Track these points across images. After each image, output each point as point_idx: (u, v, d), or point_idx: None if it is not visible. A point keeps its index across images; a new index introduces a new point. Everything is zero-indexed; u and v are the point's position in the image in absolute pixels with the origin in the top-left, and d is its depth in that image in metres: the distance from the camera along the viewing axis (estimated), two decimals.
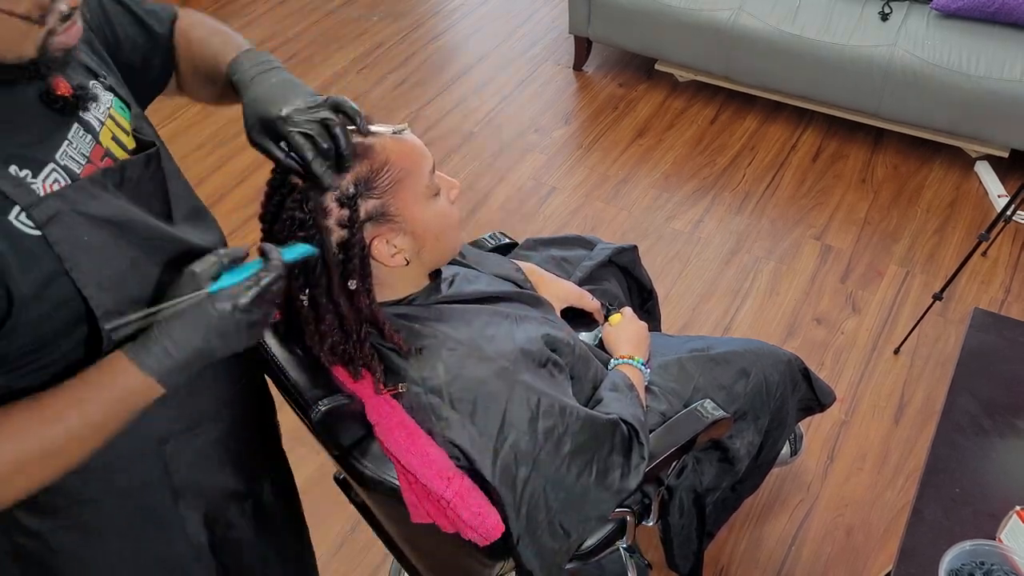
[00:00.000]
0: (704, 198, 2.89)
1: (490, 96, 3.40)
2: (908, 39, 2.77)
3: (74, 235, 0.86)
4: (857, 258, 2.66)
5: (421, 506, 1.19)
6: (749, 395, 1.60)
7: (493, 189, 2.97)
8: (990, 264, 2.62)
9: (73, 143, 0.90)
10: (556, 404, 1.21)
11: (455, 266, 1.40)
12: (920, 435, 2.18)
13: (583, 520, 1.27)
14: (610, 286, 1.74)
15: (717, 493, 1.60)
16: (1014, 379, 1.41)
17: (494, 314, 1.28)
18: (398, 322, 1.20)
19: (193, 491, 1.13)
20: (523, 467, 1.19)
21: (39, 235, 0.84)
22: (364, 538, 2.01)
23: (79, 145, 0.90)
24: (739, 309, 2.52)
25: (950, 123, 2.83)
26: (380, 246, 1.13)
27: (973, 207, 2.82)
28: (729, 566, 1.95)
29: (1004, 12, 2.68)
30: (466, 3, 3.96)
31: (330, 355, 1.18)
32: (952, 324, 2.44)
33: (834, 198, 2.87)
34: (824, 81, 2.93)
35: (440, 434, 1.17)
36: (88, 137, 0.92)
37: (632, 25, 3.19)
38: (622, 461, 1.29)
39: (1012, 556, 1.12)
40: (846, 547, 1.97)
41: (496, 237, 1.78)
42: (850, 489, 2.08)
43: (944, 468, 1.29)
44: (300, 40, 3.75)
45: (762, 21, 2.94)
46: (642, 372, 1.49)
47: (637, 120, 3.23)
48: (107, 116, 0.96)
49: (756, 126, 3.18)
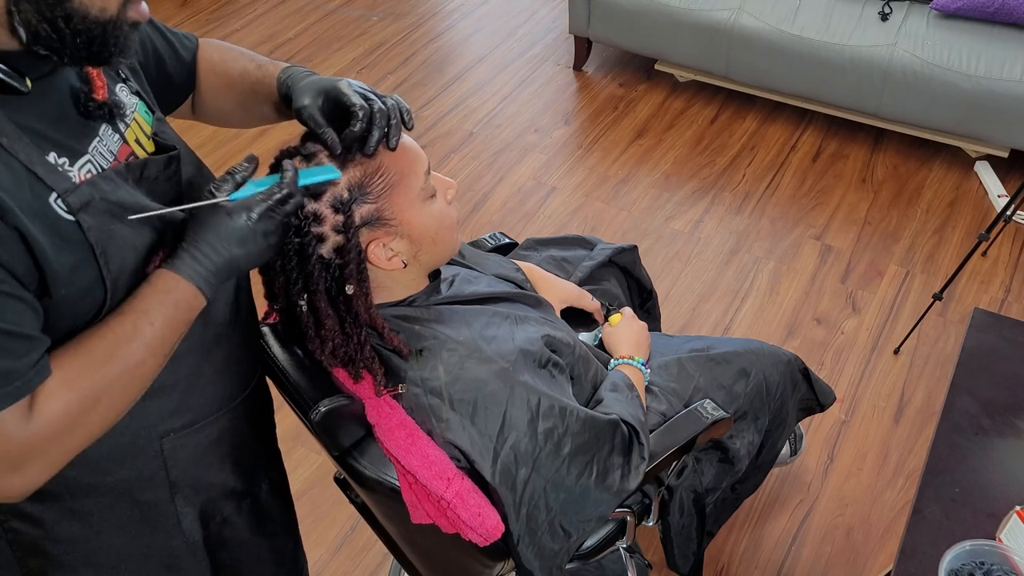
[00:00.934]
0: (704, 198, 2.89)
1: (490, 96, 3.40)
2: (908, 39, 2.77)
3: (103, 222, 0.89)
4: (857, 258, 2.66)
5: (421, 506, 1.19)
6: (749, 395, 1.60)
7: (493, 189, 2.97)
8: (990, 264, 2.62)
9: (103, 140, 0.94)
10: (556, 405, 1.21)
11: (455, 267, 1.40)
12: (920, 435, 2.18)
13: (583, 520, 1.27)
14: (610, 286, 1.74)
15: (717, 493, 1.60)
16: (1014, 379, 1.41)
17: (494, 315, 1.28)
18: (398, 324, 1.20)
19: (191, 487, 1.14)
20: (523, 468, 1.19)
21: (73, 220, 0.86)
22: (364, 538, 2.01)
23: (108, 142, 0.94)
24: (739, 309, 2.52)
25: (950, 123, 2.83)
26: (376, 250, 1.13)
27: (973, 207, 2.82)
28: (729, 566, 1.95)
29: (1004, 12, 2.68)
30: (466, 3, 3.96)
31: (331, 358, 1.18)
32: (952, 324, 2.44)
33: (834, 198, 2.87)
34: (824, 81, 2.93)
35: (440, 435, 1.17)
36: (116, 136, 0.96)
37: (632, 25, 3.19)
38: (622, 461, 1.29)
39: (1012, 556, 1.12)
40: (846, 547, 1.97)
41: (496, 237, 1.78)
42: (850, 489, 2.08)
43: (944, 468, 1.29)
44: (300, 40, 3.75)
45: (762, 21, 2.94)
46: (642, 372, 1.49)
47: (637, 120, 3.23)
48: (132, 119, 0.99)
49: (756, 126, 3.18)
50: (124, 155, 0.96)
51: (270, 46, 3.70)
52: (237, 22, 3.87)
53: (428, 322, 1.21)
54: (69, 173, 0.87)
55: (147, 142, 1.01)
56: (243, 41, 3.74)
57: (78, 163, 0.89)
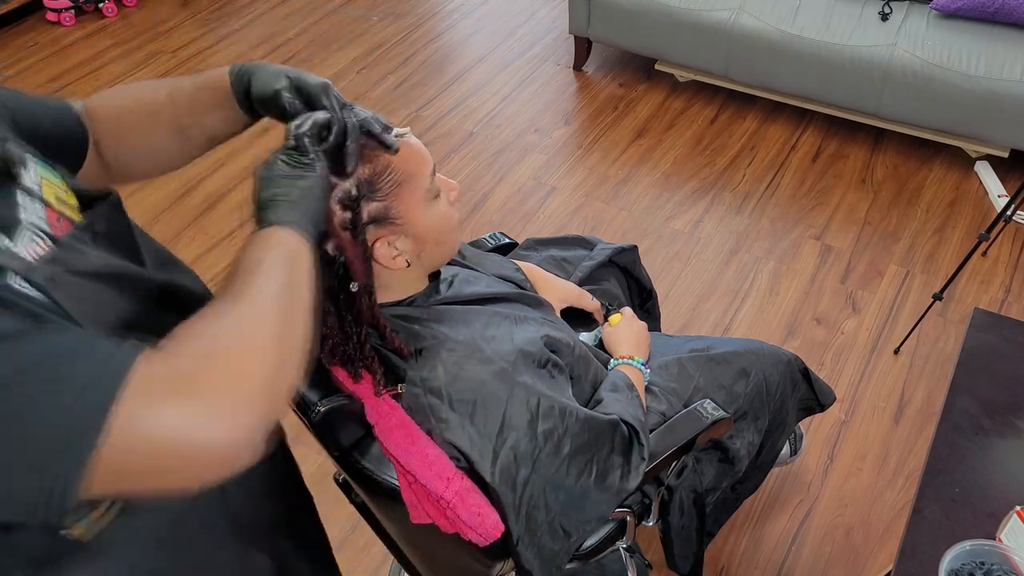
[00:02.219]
0: (704, 198, 2.89)
1: (490, 96, 3.40)
2: (908, 39, 2.77)
3: (75, 294, 0.82)
4: (857, 258, 2.66)
5: (421, 506, 1.19)
6: (749, 395, 1.60)
7: (493, 189, 2.97)
8: (990, 264, 2.62)
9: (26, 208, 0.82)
10: (556, 405, 1.21)
11: (455, 267, 1.40)
12: (920, 435, 2.18)
13: (583, 521, 1.27)
14: (610, 286, 1.74)
15: (717, 493, 1.60)
16: (1014, 379, 1.41)
17: (494, 315, 1.28)
18: (398, 323, 1.20)
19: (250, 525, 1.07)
20: (523, 468, 1.19)
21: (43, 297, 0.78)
22: (364, 538, 2.01)
23: (32, 210, 0.82)
24: (739, 309, 2.52)
25: (950, 123, 2.83)
26: (382, 248, 1.14)
27: (973, 207, 2.82)
28: (729, 566, 1.95)
29: (1004, 12, 2.68)
30: (466, 3, 3.96)
31: (330, 356, 1.18)
32: (952, 324, 2.44)
33: (834, 198, 2.87)
34: (824, 81, 2.92)
35: (439, 435, 1.17)
36: (37, 203, 0.84)
37: (632, 25, 3.19)
38: (622, 461, 1.29)
39: (1012, 556, 1.12)
40: (846, 547, 1.97)
41: (496, 237, 1.78)
42: (850, 489, 2.08)
43: (944, 468, 1.29)
44: (300, 40, 3.75)
45: (762, 21, 2.94)
46: (642, 372, 1.49)
47: (637, 120, 3.23)
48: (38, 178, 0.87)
49: (756, 126, 3.18)
50: (53, 218, 0.85)
51: (270, 46, 3.70)
52: (237, 22, 3.88)
53: (428, 322, 1.21)
54: (14, 249, 0.77)
55: (69, 196, 0.89)
56: (243, 41, 3.75)
57: (16, 236, 0.78)
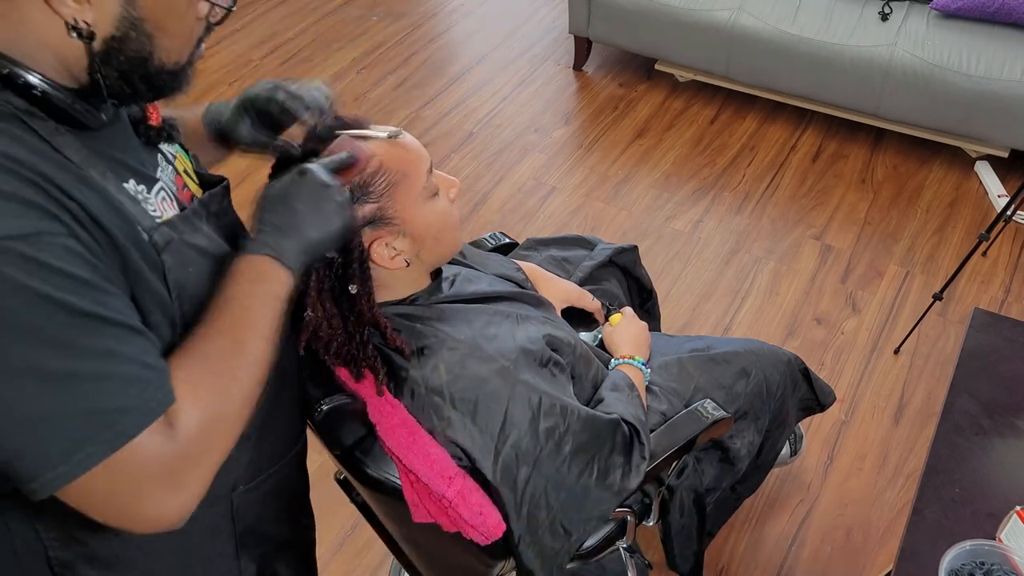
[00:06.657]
0: (704, 198, 2.89)
1: (490, 96, 3.40)
2: (908, 39, 2.78)
3: (183, 263, 0.87)
4: (857, 258, 2.66)
5: (422, 505, 1.19)
6: (749, 395, 1.60)
7: (493, 189, 2.97)
8: (990, 264, 2.62)
9: (163, 168, 0.93)
10: (557, 404, 1.21)
11: (456, 266, 1.40)
12: (920, 435, 2.18)
13: (584, 520, 1.27)
14: (610, 286, 1.74)
15: (717, 493, 1.60)
16: (1014, 379, 1.41)
17: (495, 314, 1.28)
18: (400, 322, 1.20)
19: (254, 540, 1.10)
20: (524, 467, 1.19)
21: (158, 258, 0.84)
22: (364, 538, 2.01)
23: (167, 173, 0.94)
24: (739, 309, 2.52)
25: (950, 123, 2.83)
26: (379, 249, 1.14)
27: (973, 207, 2.82)
28: (729, 566, 1.95)
29: (1004, 12, 2.68)
30: (466, 3, 3.96)
31: (333, 357, 1.18)
32: (952, 324, 2.44)
33: (834, 198, 2.87)
34: (824, 81, 2.93)
35: (441, 433, 1.17)
36: (170, 168, 0.95)
37: (632, 25, 3.19)
38: (623, 461, 1.29)
39: (1012, 556, 1.12)
40: (846, 547, 1.97)
41: (496, 237, 1.78)
42: (850, 489, 2.08)
43: (944, 468, 1.29)
44: (300, 40, 3.74)
45: (762, 21, 2.94)
46: (643, 372, 1.49)
47: (637, 120, 3.24)
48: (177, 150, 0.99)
49: (756, 126, 3.18)
50: (180, 185, 0.95)
51: (270, 46, 3.70)
52: (237, 22, 3.87)
53: (429, 320, 1.21)
54: (149, 203, 0.86)
55: (193, 175, 1.00)
56: (243, 41, 3.74)
57: (153, 190, 0.88)
